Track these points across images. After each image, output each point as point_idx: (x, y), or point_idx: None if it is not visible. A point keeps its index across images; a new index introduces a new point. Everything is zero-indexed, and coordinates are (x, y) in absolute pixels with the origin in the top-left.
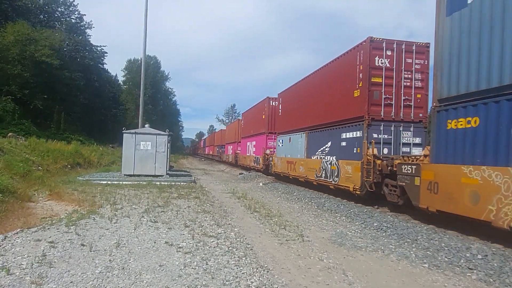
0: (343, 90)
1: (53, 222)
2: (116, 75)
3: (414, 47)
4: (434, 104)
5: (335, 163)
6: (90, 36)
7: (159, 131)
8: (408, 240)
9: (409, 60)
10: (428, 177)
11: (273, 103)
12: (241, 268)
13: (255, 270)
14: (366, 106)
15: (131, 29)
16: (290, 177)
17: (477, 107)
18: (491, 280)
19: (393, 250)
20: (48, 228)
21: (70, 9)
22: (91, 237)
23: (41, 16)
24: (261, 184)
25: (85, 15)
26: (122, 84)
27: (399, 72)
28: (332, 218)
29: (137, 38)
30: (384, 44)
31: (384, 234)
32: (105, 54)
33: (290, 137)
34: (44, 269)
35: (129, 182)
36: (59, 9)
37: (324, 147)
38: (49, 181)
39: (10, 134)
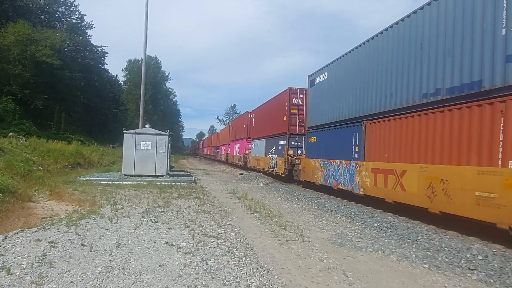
0: (279, 116)
1: (54, 222)
2: (116, 75)
3: None
4: (306, 129)
5: (275, 159)
6: (90, 36)
7: (160, 131)
8: (408, 240)
9: None
10: (302, 164)
11: (250, 115)
12: (241, 268)
13: (255, 270)
14: (288, 126)
15: (132, 30)
16: (257, 170)
17: (316, 132)
18: (491, 280)
19: (393, 250)
20: (49, 228)
21: (71, 9)
22: (91, 237)
23: (42, 16)
24: (261, 184)
25: (85, 15)
26: (122, 84)
27: (306, 107)
28: (332, 218)
29: (138, 39)
30: (297, 91)
31: (384, 234)
32: (106, 55)
33: (258, 142)
34: (44, 269)
35: (130, 182)
36: (60, 9)
37: (272, 149)
38: (49, 181)
39: (10, 134)
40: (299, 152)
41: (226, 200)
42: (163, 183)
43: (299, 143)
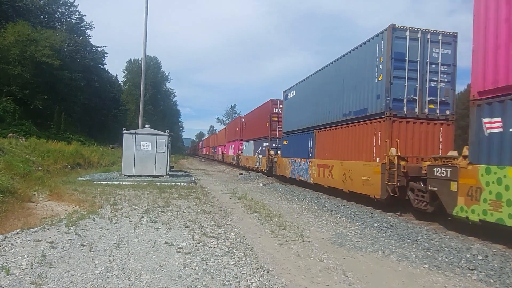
0: (263, 122)
1: (53, 222)
2: (116, 75)
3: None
4: (282, 133)
5: (260, 158)
6: (90, 36)
7: (159, 131)
8: (408, 240)
9: None
10: (278, 162)
11: (242, 120)
12: (241, 268)
13: (255, 270)
14: (269, 131)
15: (132, 30)
16: (246, 167)
17: (287, 137)
18: (491, 280)
19: (393, 250)
20: (48, 229)
21: (71, 9)
22: (91, 238)
23: (42, 17)
24: (261, 184)
25: (85, 15)
26: (122, 84)
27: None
28: (332, 218)
29: (138, 39)
30: (278, 102)
31: (384, 234)
32: (106, 55)
33: (248, 143)
34: (44, 270)
35: (129, 183)
36: (60, 9)
37: (258, 150)
38: (49, 182)
39: (10, 134)
40: (278, 152)
41: (226, 200)
42: (163, 183)
43: (279, 145)
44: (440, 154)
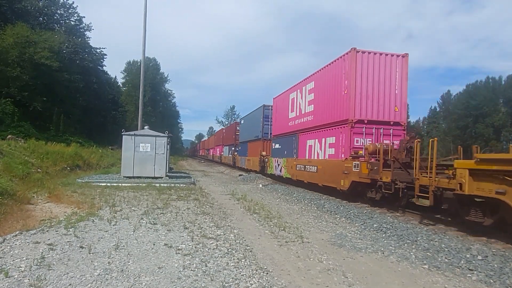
0: (231, 134)
1: (52, 224)
2: (115, 77)
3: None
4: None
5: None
6: (89, 38)
7: (159, 133)
8: (408, 241)
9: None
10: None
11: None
12: (241, 270)
13: (254, 272)
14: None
15: (131, 32)
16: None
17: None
18: (491, 281)
19: (393, 251)
20: (47, 231)
21: (70, 11)
22: (90, 239)
23: (41, 19)
24: (260, 185)
25: (84, 17)
26: (121, 86)
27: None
28: (332, 219)
29: (137, 40)
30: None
31: (384, 235)
32: (105, 56)
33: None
34: (43, 272)
35: (129, 184)
36: (59, 11)
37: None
38: (48, 183)
39: (9, 136)
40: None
41: (225, 201)
42: (162, 184)
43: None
44: None
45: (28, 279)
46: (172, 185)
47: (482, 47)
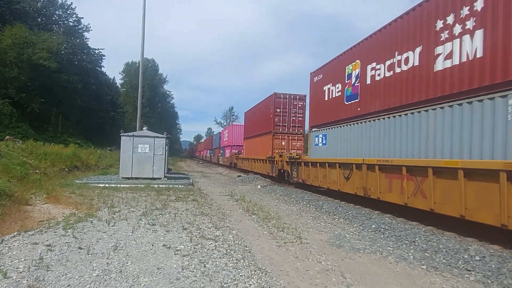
0: (214, 145)
1: (51, 225)
2: (114, 78)
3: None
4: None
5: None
6: (88, 39)
7: (157, 133)
8: (406, 241)
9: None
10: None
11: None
12: (239, 270)
13: (253, 272)
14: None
15: (129, 32)
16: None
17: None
18: (489, 281)
19: (391, 252)
20: (46, 231)
21: (68, 12)
22: (88, 240)
23: (39, 19)
24: (259, 186)
25: (82, 18)
26: (120, 87)
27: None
28: (331, 220)
29: (135, 41)
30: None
31: (382, 236)
32: (103, 57)
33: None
34: (41, 273)
35: (127, 185)
36: (57, 12)
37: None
38: (46, 184)
39: (7, 137)
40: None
41: (224, 202)
42: (160, 185)
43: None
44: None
45: (27, 280)
46: (171, 186)
47: None
